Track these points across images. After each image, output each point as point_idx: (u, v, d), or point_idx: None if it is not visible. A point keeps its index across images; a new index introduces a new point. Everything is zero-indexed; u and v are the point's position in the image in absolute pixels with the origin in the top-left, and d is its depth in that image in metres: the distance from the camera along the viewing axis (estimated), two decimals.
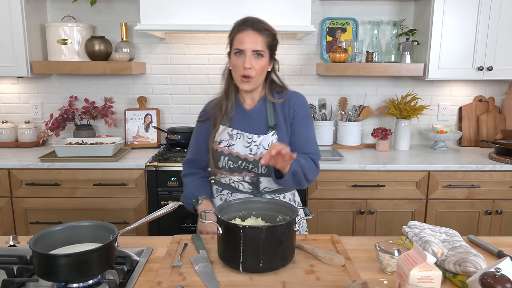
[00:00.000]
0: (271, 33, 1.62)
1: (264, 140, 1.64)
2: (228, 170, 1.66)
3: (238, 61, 1.59)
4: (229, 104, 1.69)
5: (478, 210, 2.58)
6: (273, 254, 1.18)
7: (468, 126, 3.07)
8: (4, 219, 2.57)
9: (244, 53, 1.57)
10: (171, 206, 1.32)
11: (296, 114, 1.69)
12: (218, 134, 1.69)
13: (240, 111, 1.71)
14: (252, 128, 1.67)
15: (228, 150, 1.65)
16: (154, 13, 2.51)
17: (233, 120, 1.70)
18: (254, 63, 1.57)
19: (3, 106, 3.08)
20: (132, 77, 3.04)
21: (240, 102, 1.72)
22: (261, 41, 1.58)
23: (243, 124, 1.68)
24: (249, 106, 1.71)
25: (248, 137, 1.65)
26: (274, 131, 1.66)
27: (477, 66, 2.70)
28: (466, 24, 2.66)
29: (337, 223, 2.59)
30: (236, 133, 1.67)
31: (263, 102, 1.71)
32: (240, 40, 1.58)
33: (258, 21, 1.61)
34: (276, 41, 1.66)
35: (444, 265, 1.22)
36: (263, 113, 1.69)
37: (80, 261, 1.10)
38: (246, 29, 1.58)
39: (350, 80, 3.06)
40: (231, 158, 1.64)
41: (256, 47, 1.57)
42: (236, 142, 1.65)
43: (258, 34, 1.58)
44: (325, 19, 2.96)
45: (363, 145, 3.01)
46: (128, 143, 2.95)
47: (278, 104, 1.69)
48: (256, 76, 1.60)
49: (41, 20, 2.87)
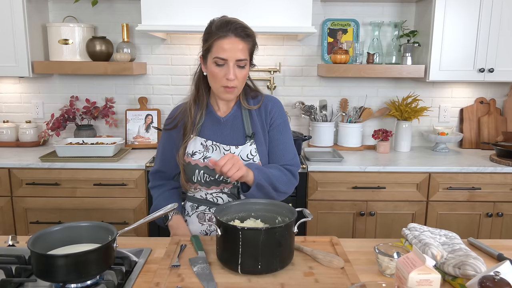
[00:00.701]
0: (253, 39, 1.49)
1: (243, 150, 1.54)
2: (204, 184, 1.55)
3: (219, 71, 1.44)
4: (199, 112, 1.56)
5: (479, 213, 2.57)
6: (272, 256, 1.18)
7: (469, 128, 3.07)
8: (5, 218, 2.57)
9: (227, 63, 1.43)
10: (170, 207, 1.32)
11: (274, 121, 1.59)
12: (189, 145, 1.56)
13: (213, 119, 1.58)
14: (227, 138, 1.56)
15: (204, 163, 1.53)
16: (155, 14, 2.51)
17: (205, 130, 1.58)
18: (237, 73, 1.44)
19: (5, 106, 3.08)
20: (133, 78, 3.04)
21: (212, 109, 1.58)
22: (244, 49, 1.44)
23: (217, 134, 1.57)
24: (223, 114, 1.59)
25: (225, 148, 1.55)
26: (253, 140, 1.56)
27: (478, 67, 2.70)
28: (467, 25, 2.66)
29: (337, 224, 2.58)
30: (212, 145, 1.55)
31: (237, 108, 1.59)
32: (222, 48, 1.41)
33: (241, 26, 1.45)
34: (256, 45, 1.52)
35: (444, 268, 1.22)
36: (239, 121, 1.58)
37: (78, 261, 1.09)
38: (229, 36, 1.41)
39: (351, 81, 3.06)
40: (208, 172, 1.52)
41: (240, 56, 1.43)
42: (212, 154, 1.54)
43: (241, 42, 1.43)
44: (326, 20, 2.96)
45: (364, 147, 3.00)
46: (128, 143, 2.95)
47: (254, 110, 1.58)
48: (239, 85, 1.48)
49: (43, 20, 2.87)
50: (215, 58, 1.43)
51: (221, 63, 1.43)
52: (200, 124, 1.57)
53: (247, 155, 1.54)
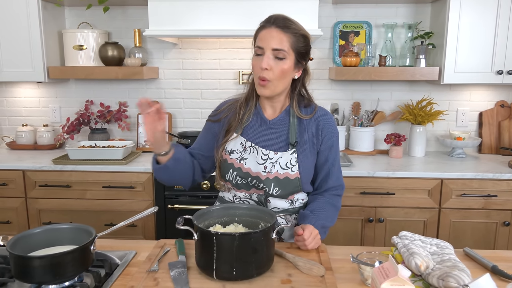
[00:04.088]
0: (299, 34, 1.40)
1: (282, 158, 1.47)
2: (235, 185, 1.51)
3: (256, 62, 1.41)
4: (246, 112, 1.52)
5: (495, 221, 2.45)
6: (247, 262, 1.16)
7: (488, 132, 2.94)
8: (19, 218, 2.65)
9: (263, 51, 1.38)
10: (150, 211, 1.32)
11: (326, 139, 1.52)
12: (229, 142, 1.52)
13: (259, 120, 1.52)
14: (269, 142, 1.50)
15: (239, 164, 1.48)
16: (163, 19, 2.54)
17: (249, 130, 1.52)
18: (273, 64, 1.38)
19: (24, 110, 3.19)
20: (145, 82, 3.09)
21: (260, 110, 1.53)
22: (284, 40, 1.38)
23: (260, 136, 1.51)
24: (270, 116, 1.53)
25: (264, 153, 1.48)
26: (295, 149, 1.48)
27: (496, 69, 2.58)
28: (484, 25, 2.55)
29: (345, 231, 2.52)
30: (250, 146, 1.49)
31: (286, 114, 1.52)
32: (261, 37, 1.40)
33: (284, 18, 1.41)
34: (306, 45, 1.44)
35: (428, 279, 1.16)
36: (285, 127, 1.51)
37: (53, 263, 1.11)
38: (269, 26, 1.39)
39: (364, 84, 2.99)
40: (240, 174, 1.48)
41: (276, 45, 1.37)
42: (249, 156, 1.48)
43: (281, 32, 1.38)
44: (338, 22, 2.91)
45: (376, 151, 2.93)
46: (139, 146, 3.00)
47: (304, 120, 1.51)
48: (274, 80, 1.40)
49: (59, 27, 2.96)
50: (255, 47, 1.42)
51: (259, 53, 1.40)
52: (247, 124, 1.52)
53: (287, 163, 1.47)
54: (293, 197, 1.53)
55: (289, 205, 1.53)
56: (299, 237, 1.39)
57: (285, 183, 1.47)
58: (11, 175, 2.60)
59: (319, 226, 1.45)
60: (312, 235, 1.40)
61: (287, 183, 1.48)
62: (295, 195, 1.53)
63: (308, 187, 1.56)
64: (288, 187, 1.48)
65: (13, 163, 2.65)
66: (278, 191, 1.48)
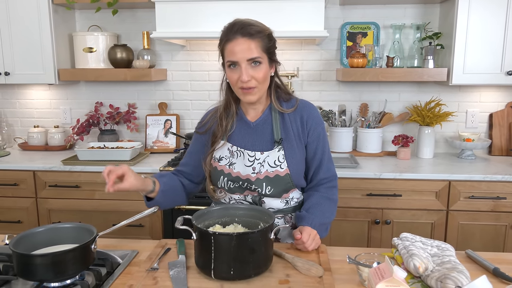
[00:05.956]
0: (265, 35, 1.41)
1: (270, 156, 1.48)
2: (228, 190, 1.52)
3: (233, 74, 1.41)
4: (229, 120, 1.53)
5: (505, 224, 2.42)
6: (245, 262, 1.17)
7: (499, 134, 2.90)
8: (30, 218, 2.70)
9: (239, 64, 1.38)
10: (150, 211, 1.33)
11: (312, 131, 1.53)
12: (217, 150, 1.53)
13: (243, 124, 1.54)
14: (255, 144, 1.51)
15: (229, 169, 1.50)
16: (171, 21, 2.56)
17: (234, 135, 1.54)
18: (252, 73, 1.38)
19: (36, 112, 3.25)
20: (154, 84, 3.12)
21: (242, 115, 1.55)
22: (255, 47, 1.37)
23: (245, 139, 1.52)
24: (253, 118, 1.54)
25: (250, 154, 1.49)
26: (281, 146, 1.49)
27: (506, 70, 2.54)
28: (493, 26, 2.52)
29: (351, 233, 2.51)
30: (236, 151, 1.51)
31: (269, 112, 1.53)
32: (231, 51, 1.38)
33: (248, 23, 1.40)
34: (273, 41, 1.45)
35: (427, 281, 1.16)
36: (269, 126, 1.52)
37: (54, 261, 1.13)
38: (235, 37, 1.38)
39: (372, 85, 2.98)
40: (231, 178, 1.49)
41: (250, 55, 1.37)
42: (237, 160, 1.50)
43: (249, 40, 1.37)
44: (345, 23, 2.90)
45: (384, 153, 2.91)
46: (148, 147, 3.03)
47: (287, 115, 1.52)
48: (258, 85, 1.41)
49: (69, 30, 3.01)
50: (227, 62, 1.41)
51: (233, 66, 1.40)
52: (232, 131, 1.54)
53: (275, 161, 1.48)
54: (288, 196, 1.53)
55: (284, 205, 1.54)
56: (299, 241, 1.39)
57: (276, 180, 1.48)
58: (22, 175, 2.65)
59: (317, 225, 1.45)
60: (311, 237, 1.40)
61: (278, 181, 1.48)
62: (289, 194, 1.53)
63: (300, 182, 1.56)
64: (280, 185, 1.49)
65: (24, 163, 2.70)
66: (271, 189, 1.48)
